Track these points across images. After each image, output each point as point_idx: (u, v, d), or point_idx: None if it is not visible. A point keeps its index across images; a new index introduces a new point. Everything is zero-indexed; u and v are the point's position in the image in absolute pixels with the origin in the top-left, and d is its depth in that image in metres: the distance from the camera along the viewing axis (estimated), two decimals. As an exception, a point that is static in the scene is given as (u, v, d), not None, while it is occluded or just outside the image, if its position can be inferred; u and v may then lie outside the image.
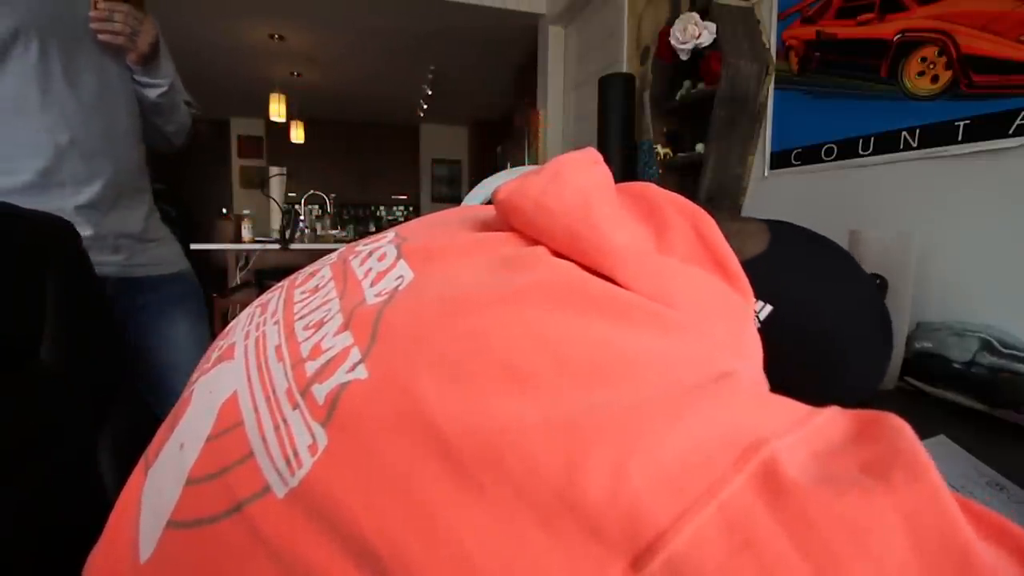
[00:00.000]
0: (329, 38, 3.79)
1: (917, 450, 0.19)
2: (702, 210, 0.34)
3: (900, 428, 0.21)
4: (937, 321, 0.85)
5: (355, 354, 0.27)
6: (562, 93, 2.82)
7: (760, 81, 1.28)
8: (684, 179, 1.59)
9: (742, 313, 0.31)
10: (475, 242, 0.33)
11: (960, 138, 0.89)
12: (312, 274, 0.38)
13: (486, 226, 0.37)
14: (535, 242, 0.32)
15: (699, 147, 1.45)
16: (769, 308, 0.38)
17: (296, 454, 0.25)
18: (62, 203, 0.87)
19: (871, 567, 0.16)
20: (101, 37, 0.88)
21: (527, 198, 0.32)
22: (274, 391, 0.29)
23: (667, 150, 1.61)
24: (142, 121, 1.02)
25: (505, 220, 0.35)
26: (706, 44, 1.34)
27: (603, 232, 0.28)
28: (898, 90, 0.98)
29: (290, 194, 5.23)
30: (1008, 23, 0.82)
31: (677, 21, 1.39)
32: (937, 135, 0.92)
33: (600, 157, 0.37)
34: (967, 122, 0.88)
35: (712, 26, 1.32)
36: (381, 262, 0.34)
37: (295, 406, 0.27)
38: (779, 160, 1.28)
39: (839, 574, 0.16)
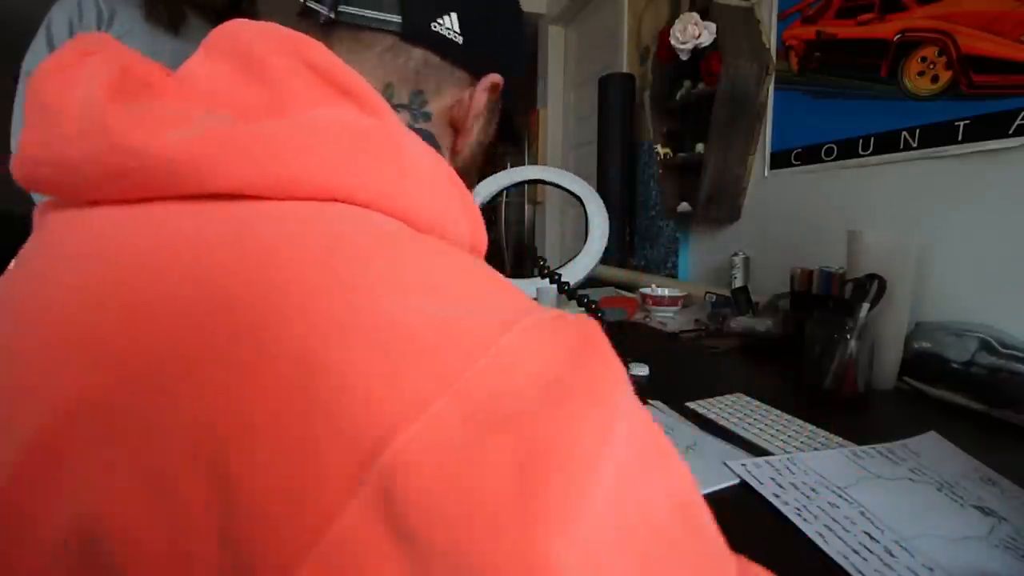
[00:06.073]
0: (330, 38, 3.79)
1: (597, 377, 0.19)
2: (306, 38, 0.31)
3: (588, 343, 0.21)
4: (936, 321, 0.85)
5: None
6: (562, 93, 2.82)
7: (760, 81, 1.29)
8: (684, 179, 1.59)
9: (381, 136, 0.28)
10: None
11: (960, 138, 0.88)
12: None
13: None
14: None
15: (699, 147, 1.45)
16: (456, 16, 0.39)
17: None
18: None
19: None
20: None
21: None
22: None
23: (667, 150, 1.61)
24: None
25: None
26: (706, 44, 1.34)
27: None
28: (898, 90, 0.98)
29: (291, 194, 5.25)
30: (1008, 23, 0.82)
31: (677, 21, 1.39)
32: (937, 135, 0.92)
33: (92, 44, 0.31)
34: (967, 122, 0.88)
35: (712, 26, 1.32)
36: None
37: None
38: (779, 160, 1.28)
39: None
